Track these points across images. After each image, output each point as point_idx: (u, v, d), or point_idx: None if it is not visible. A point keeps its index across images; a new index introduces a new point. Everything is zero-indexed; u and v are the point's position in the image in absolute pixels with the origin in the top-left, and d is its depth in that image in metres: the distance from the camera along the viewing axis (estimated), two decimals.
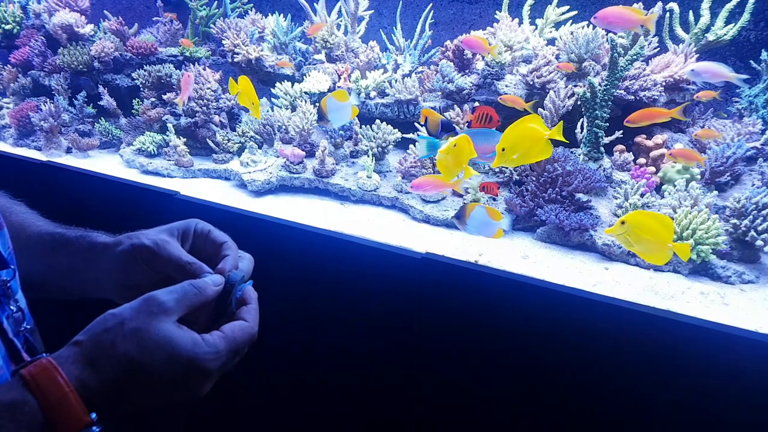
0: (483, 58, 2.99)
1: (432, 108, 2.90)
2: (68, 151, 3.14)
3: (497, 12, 3.15)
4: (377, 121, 2.82)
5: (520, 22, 3.11)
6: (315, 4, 3.31)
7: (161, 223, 0.72)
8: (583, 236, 2.24)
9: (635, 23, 2.16)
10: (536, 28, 3.10)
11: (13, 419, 0.44)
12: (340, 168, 2.82)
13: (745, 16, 2.75)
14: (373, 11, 3.37)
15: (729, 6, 2.77)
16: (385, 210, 2.68)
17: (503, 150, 1.62)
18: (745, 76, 2.32)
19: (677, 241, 2.05)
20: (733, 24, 2.78)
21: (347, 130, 2.87)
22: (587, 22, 2.93)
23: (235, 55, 3.16)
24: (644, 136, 2.62)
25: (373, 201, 2.71)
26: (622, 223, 1.56)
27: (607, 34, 2.78)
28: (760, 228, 2.01)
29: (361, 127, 2.88)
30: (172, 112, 3.13)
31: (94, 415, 0.47)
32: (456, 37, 3.00)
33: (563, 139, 1.61)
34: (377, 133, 2.77)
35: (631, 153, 2.60)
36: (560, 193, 2.35)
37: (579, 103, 2.50)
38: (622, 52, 2.41)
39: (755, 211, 2.05)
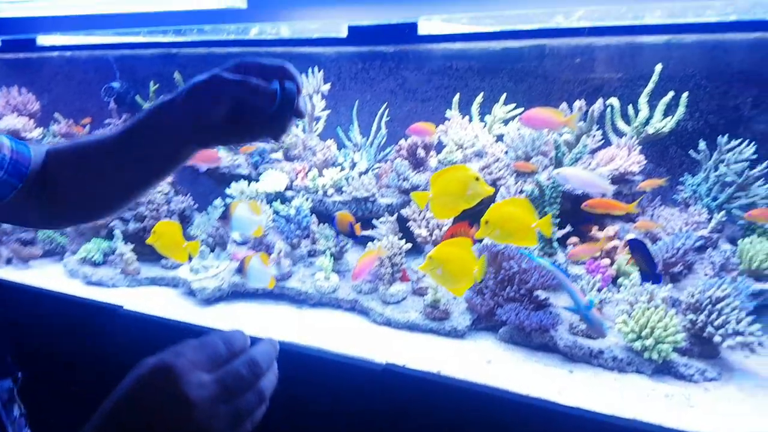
0: (437, 154, 3.06)
1: (389, 204, 2.91)
2: (8, 262, 2.99)
3: (448, 110, 3.26)
4: None
5: (470, 120, 3.22)
6: None
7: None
8: (545, 337, 2.20)
9: (557, 125, 2.25)
10: (486, 125, 3.21)
11: None
12: (297, 269, 2.76)
13: (681, 109, 2.91)
14: (330, 111, 3.45)
15: (665, 100, 2.94)
16: (345, 313, 2.60)
17: (486, 222, 1.65)
18: (610, 187, 2.34)
19: (636, 341, 2.03)
20: (670, 117, 2.94)
21: (305, 228, 2.84)
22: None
23: None
24: (597, 227, 2.67)
25: (331, 303, 2.63)
26: (430, 258, 1.60)
27: (551, 133, 2.89)
28: (716, 323, 2.00)
29: (318, 226, 2.85)
30: (120, 216, 3.05)
31: None
32: None
33: (548, 233, 1.64)
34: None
35: (585, 245, 2.62)
36: (519, 291, 2.33)
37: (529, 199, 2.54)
38: (566, 151, 2.49)
39: (710, 306, 2.05)
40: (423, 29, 2.41)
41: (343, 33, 2.35)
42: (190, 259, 2.83)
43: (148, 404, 0.50)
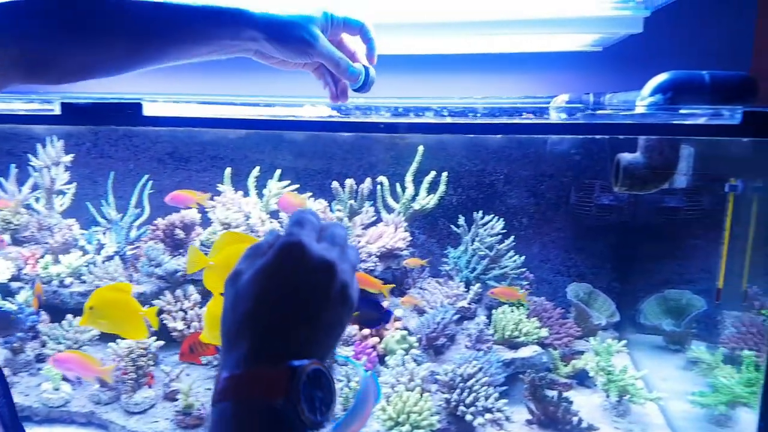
0: (204, 231, 2.82)
1: (140, 293, 2.55)
2: None
3: (219, 185, 3.07)
4: (69, 315, 2.36)
5: (246, 194, 3.06)
6: (2, 179, 2.83)
7: None
8: None
9: (293, 207, 2.34)
10: (263, 200, 3.08)
11: None
12: (20, 380, 2.25)
13: (442, 187, 3.12)
14: (75, 183, 2.99)
15: (427, 179, 3.12)
16: (79, 429, 2.16)
17: (91, 308, 1.53)
18: None
19: (394, 427, 1.97)
20: (433, 194, 3.13)
21: (31, 328, 2.33)
22: (310, 194, 3.03)
23: None
24: None
25: (63, 419, 2.18)
26: (90, 308, 1.54)
27: (326, 209, 2.87)
28: (467, 401, 2.05)
29: (50, 323, 2.37)
30: None
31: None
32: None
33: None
34: (68, 332, 2.30)
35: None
36: None
37: None
38: None
39: (462, 383, 2.10)
40: (149, 110, 2.19)
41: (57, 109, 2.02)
42: None
43: (293, 272, 0.51)
